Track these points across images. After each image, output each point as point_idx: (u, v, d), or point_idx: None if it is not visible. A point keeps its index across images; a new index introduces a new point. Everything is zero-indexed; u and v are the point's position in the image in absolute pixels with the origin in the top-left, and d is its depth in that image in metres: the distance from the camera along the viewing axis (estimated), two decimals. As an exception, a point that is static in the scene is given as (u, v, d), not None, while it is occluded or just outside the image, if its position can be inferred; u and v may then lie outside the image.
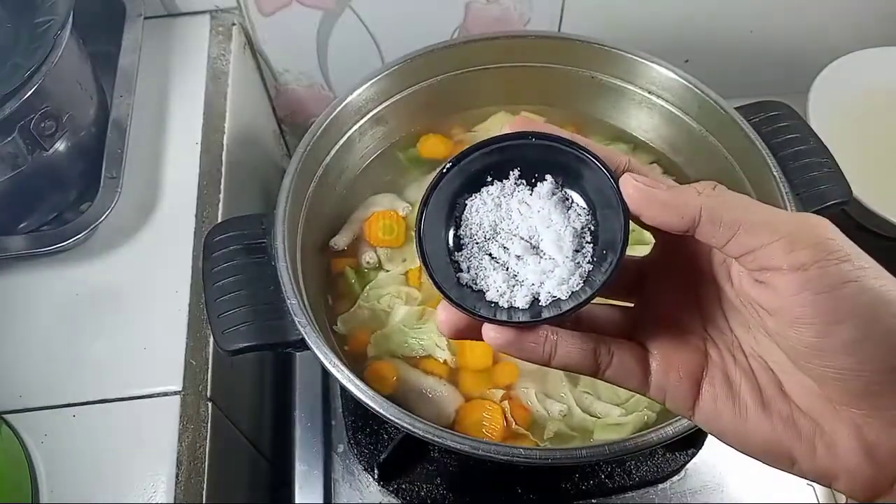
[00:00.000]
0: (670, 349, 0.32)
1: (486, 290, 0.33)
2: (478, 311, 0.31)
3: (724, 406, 0.31)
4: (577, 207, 0.33)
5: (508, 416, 0.57)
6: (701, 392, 0.31)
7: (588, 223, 0.33)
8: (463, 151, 0.34)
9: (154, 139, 0.69)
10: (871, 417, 0.28)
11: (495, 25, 0.82)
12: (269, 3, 0.78)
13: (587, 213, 0.33)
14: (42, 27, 0.58)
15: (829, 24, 0.87)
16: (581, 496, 0.63)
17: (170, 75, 0.73)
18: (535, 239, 0.33)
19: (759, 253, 0.28)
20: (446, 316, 0.31)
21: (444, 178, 0.34)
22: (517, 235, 0.33)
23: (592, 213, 0.33)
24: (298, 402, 0.70)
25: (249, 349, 0.53)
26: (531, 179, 0.34)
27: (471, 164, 0.34)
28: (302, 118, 0.94)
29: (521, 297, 0.32)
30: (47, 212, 0.66)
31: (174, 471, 0.54)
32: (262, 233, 0.57)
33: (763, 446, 0.30)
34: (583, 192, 0.33)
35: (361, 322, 0.62)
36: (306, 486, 0.65)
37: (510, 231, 0.33)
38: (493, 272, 0.33)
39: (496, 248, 0.33)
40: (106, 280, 0.62)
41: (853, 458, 0.28)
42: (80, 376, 0.57)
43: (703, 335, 0.32)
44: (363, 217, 0.67)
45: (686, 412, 0.32)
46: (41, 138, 0.60)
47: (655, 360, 0.32)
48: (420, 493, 0.63)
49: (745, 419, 0.30)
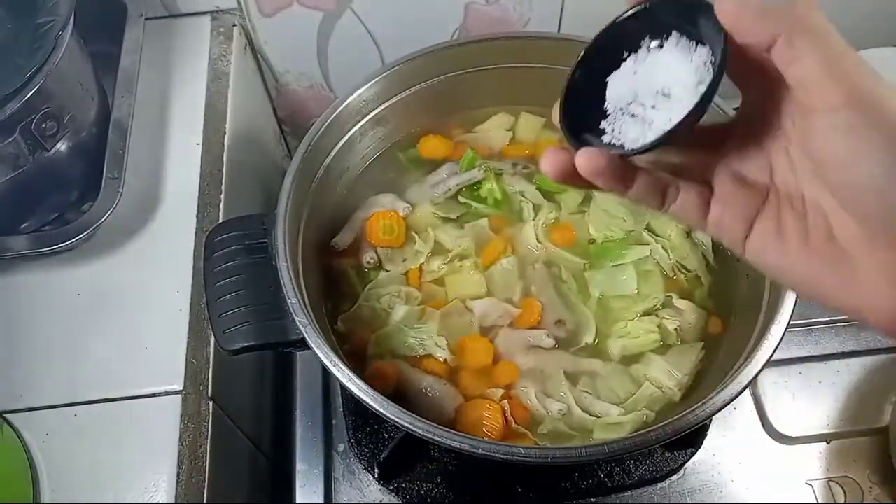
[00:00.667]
0: (733, 193, 0.35)
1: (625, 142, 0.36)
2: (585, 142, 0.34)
3: (770, 242, 0.34)
4: (700, 49, 0.35)
5: (508, 415, 0.57)
6: (752, 230, 0.35)
7: (708, 59, 0.35)
8: (595, 38, 0.38)
9: (155, 139, 0.69)
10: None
11: (495, 26, 0.82)
12: (270, 4, 0.78)
13: (708, 51, 0.35)
14: (43, 28, 0.58)
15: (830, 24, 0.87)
16: (580, 495, 0.63)
17: (171, 76, 0.73)
18: (667, 88, 0.35)
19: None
20: (552, 158, 0.34)
21: (582, 65, 0.38)
22: (651, 91, 0.36)
23: (712, 50, 0.35)
24: (299, 401, 0.70)
25: (250, 349, 0.53)
26: (660, 40, 0.36)
27: (602, 46, 0.38)
28: (302, 119, 0.94)
29: (651, 137, 0.35)
30: (49, 212, 0.66)
31: (175, 470, 0.54)
32: (262, 233, 0.57)
33: (800, 279, 0.34)
34: (700, 34, 0.35)
35: (362, 321, 0.62)
36: (307, 485, 0.65)
37: (647, 91, 0.36)
38: (633, 126, 0.36)
39: (637, 107, 0.36)
40: (107, 280, 0.62)
41: (884, 293, 0.31)
42: (82, 376, 0.58)
43: (769, 184, 0.35)
44: (364, 217, 0.67)
45: (738, 247, 0.35)
46: (42, 139, 0.60)
47: (717, 202, 0.35)
48: (420, 492, 0.63)
49: (788, 254, 0.34)
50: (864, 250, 0.31)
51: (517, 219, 0.67)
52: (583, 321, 0.62)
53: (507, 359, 0.60)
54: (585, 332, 0.61)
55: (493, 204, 0.68)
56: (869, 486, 0.65)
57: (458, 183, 0.68)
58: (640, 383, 0.59)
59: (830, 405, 0.69)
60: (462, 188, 0.69)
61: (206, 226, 0.64)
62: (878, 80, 0.31)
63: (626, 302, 0.62)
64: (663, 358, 0.59)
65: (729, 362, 0.54)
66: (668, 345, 0.60)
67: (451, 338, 0.60)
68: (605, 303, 0.63)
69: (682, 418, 0.48)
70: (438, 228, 0.67)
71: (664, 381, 0.58)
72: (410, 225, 0.67)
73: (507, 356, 0.60)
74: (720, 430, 0.67)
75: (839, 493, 0.65)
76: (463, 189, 0.68)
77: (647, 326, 0.61)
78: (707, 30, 0.35)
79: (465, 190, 0.68)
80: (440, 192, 0.68)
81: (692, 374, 0.58)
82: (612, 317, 0.62)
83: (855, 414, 0.68)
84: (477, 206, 0.68)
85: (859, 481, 0.65)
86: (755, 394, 0.69)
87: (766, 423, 0.68)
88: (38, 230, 0.65)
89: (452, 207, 0.68)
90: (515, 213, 0.68)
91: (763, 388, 0.69)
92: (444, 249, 0.65)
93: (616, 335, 0.61)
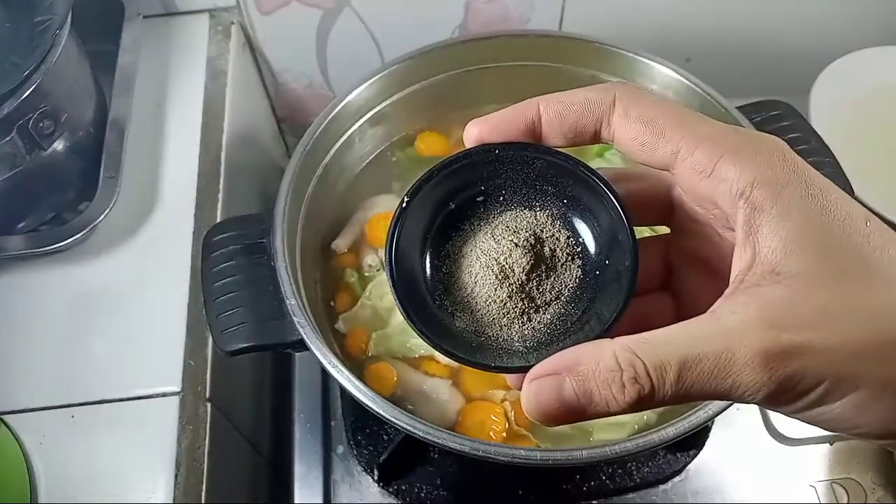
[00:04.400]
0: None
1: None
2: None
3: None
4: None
5: (510, 416, 0.57)
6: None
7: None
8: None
9: (153, 139, 0.69)
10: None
11: (495, 24, 0.82)
12: (269, 2, 0.77)
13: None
14: (41, 26, 0.57)
15: (831, 24, 0.87)
16: (582, 497, 0.63)
17: (169, 75, 0.73)
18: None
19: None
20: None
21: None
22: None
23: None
24: (298, 402, 0.69)
25: (249, 349, 0.53)
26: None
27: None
28: (301, 117, 0.94)
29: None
30: (46, 211, 0.65)
31: (173, 472, 0.54)
32: (261, 233, 0.57)
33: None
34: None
35: (363, 321, 0.61)
36: (306, 487, 0.65)
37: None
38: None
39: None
40: (104, 280, 0.61)
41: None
42: (79, 377, 0.57)
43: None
44: (364, 219, 0.66)
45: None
46: (39, 138, 0.60)
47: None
48: (420, 495, 0.63)
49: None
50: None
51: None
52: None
53: (508, 359, 0.59)
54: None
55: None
56: (872, 488, 0.64)
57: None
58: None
59: (833, 406, 0.68)
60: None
61: (203, 226, 0.64)
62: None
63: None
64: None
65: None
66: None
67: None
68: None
69: (684, 419, 0.47)
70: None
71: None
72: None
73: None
74: (723, 431, 0.66)
75: (842, 495, 0.64)
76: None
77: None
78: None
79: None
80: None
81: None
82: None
83: (858, 415, 0.68)
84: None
85: (862, 483, 0.65)
86: (757, 395, 0.69)
87: (768, 425, 0.67)
88: (35, 230, 0.64)
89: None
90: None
91: (765, 389, 0.69)
92: (445, 250, 0.65)
93: (617, 335, 0.60)
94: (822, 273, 0.25)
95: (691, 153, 0.26)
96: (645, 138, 0.27)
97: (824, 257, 0.25)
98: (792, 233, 0.25)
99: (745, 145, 0.26)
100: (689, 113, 0.28)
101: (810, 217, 0.25)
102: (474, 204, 0.31)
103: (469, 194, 0.31)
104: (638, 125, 0.27)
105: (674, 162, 0.27)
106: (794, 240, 0.25)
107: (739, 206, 0.26)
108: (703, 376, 0.24)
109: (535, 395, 0.25)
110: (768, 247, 0.25)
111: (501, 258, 0.30)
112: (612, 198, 0.29)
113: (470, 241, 0.31)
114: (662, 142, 0.27)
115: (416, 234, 0.31)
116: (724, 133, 0.27)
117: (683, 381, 0.24)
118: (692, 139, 0.27)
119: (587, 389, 0.24)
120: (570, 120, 0.29)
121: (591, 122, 0.28)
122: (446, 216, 0.31)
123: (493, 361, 0.29)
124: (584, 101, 0.28)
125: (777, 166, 0.26)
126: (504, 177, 0.31)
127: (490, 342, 0.30)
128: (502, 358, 0.29)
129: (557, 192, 0.31)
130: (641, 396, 0.24)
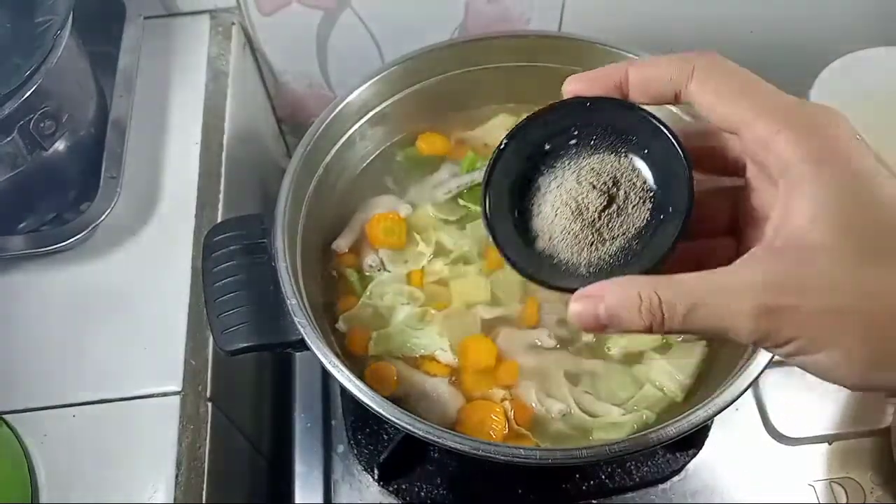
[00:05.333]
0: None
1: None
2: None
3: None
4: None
5: (510, 416, 0.57)
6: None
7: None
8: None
9: (154, 139, 0.69)
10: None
11: (495, 25, 0.82)
12: (269, 2, 0.77)
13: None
14: (41, 27, 0.57)
15: (830, 24, 0.87)
16: (582, 496, 0.63)
17: (169, 75, 0.73)
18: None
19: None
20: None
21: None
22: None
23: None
24: (298, 402, 0.70)
25: (249, 349, 0.53)
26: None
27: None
28: (302, 118, 0.94)
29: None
30: (47, 212, 0.66)
31: (174, 471, 0.54)
32: (261, 232, 0.57)
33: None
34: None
35: (363, 321, 0.62)
36: (306, 486, 0.65)
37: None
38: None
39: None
40: (105, 280, 0.62)
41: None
42: (80, 376, 0.57)
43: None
44: (364, 219, 0.67)
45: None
46: (41, 138, 0.60)
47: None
48: (420, 494, 0.63)
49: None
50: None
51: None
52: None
53: (510, 359, 0.60)
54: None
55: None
56: (871, 488, 0.65)
57: (458, 185, 0.68)
58: (642, 384, 0.58)
59: (832, 406, 0.68)
60: (463, 190, 0.68)
61: (204, 225, 0.64)
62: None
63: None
64: (665, 358, 0.59)
65: (731, 362, 0.53)
66: (669, 344, 0.60)
67: (453, 338, 0.60)
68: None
69: (683, 419, 0.47)
70: (439, 230, 0.66)
71: (666, 383, 0.58)
72: (411, 226, 0.66)
73: (509, 356, 0.60)
74: (722, 430, 0.66)
75: (841, 494, 0.64)
76: (463, 192, 0.68)
77: (649, 325, 0.60)
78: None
79: (466, 192, 0.68)
80: (441, 193, 0.68)
81: (694, 375, 0.58)
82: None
83: (857, 414, 0.68)
84: (477, 208, 0.67)
85: (861, 482, 0.65)
86: (757, 394, 0.69)
87: (767, 424, 0.68)
88: (36, 230, 0.65)
89: (453, 209, 0.67)
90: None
91: (765, 389, 0.69)
92: (446, 250, 0.65)
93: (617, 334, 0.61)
94: (844, 247, 0.28)
95: (754, 125, 0.30)
96: (716, 107, 0.32)
97: (850, 233, 0.28)
98: (823, 207, 0.28)
99: (802, 122, 0.30)
100: (756, 86, 0.31)
101: (845, 195, 0.29)
102: (567, 146, 0.37)
103: (563, 138, 0.37)
104: (711, 96, 0.32)
105: (739, 130, 0.31)
106: (823, 214, 0.28)
107: (784, 177, 0.30)
108: (705, 319, 0.30)
109: (578, 310, 0.32)
110: (798, 216, 0.29)
111: (580, 197, 0.36)
112: (682, 157, 0.33)
113: (558, 178, 0.37)
114: (731, 111, 0.31)
115: (512, 167, 0.37)
116: (787, 108, 0.30)
117: (689, 319, 0.30)
118: (756, 112, 0.30)
119: (615, 313, 0.31)
120: (654, 86, 0.33)
121: (671, 90, 0.33)
122: (541, 154, 0.37)
123: (552, 281, 0.35)
124: (667, 71, 0.33)
125: (827, 144, 0.29)
126: (595, 125, 0.36)
127: (561, 265, 0.36)
128: (565, 279, 0.35)
129: (640, 143, 0.35)
130: (654, 324, 0.30)
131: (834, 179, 0.29)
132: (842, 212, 0.28)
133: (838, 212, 0.28)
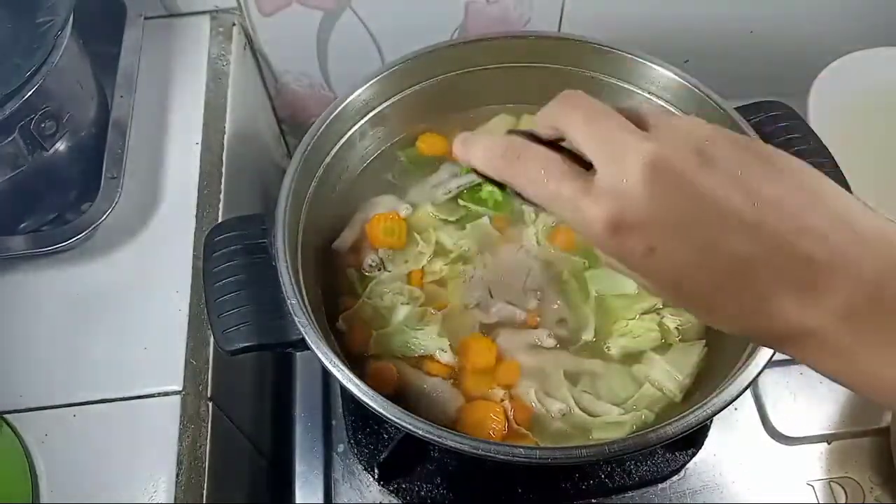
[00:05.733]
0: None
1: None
2: None
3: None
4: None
5: (510, 415, 0.57)
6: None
7: None
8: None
9: (154, 139, 0.69)
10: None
11: (495, 25, 0.82)
12: (270, 3, 0.78)
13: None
14: (42, 27, 0.58)
15: (830, 24, 0.87)
16: (581, 496, 0.63)
17: (170, 76, 0.73)
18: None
19: None
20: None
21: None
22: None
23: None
24: (299, 401, 0.70)
25: (250, 349, 0.53)
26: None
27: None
28: (302, 118, 0.94)
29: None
30: (48, 212, 0.66)
31: (174, 471, 0.54)
32: (262, 233, 0.57)
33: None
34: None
35: (363, 320, 0.62)
36: (306, 485, 0.65)
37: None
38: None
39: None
40: (106, 280, 0.62)
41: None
42: (81, 376, 0.57)
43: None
44: (364, 219, 0.67)
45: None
46: (41, 138, 0.60)
47: None
48: (420, 493, 0.63)
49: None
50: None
51: (518, 221, 0.67)
52: (583, 320, 0.61)
53: (510, 358, 0.60)
54: (585, 330, 0.61)
55: (493, 206, 0.67)
56: (870, 487, 0.65)
57: (458, 185, 0.68)
58: (641, 384, 0.58)
59: (831, 405, 0.68)
60: (462, 191, 0.68)
61: (205, 226, 0.64)
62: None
63: (627, 301, 0.62)
64: (664, 357, 0.59)
65: (730, 362, 0.53)
66: (668, 343, 0.60)
67: (453, 338, 0.60)
68: (605, 301, 0.62)
69: (682, 419, 0.48)
70: (439, 230, 0.66)
71: (665, 383, 0.58)
72: (411, 226, 0.66)
73: (509, 356, 0.60)
74: (721, 430, 0.67)
75: (840, 494, 0.65)
76: (463, 192, 0.68)
77: (648, 325, 0.61)
78: None
79: (466, 193, 0.68)
80: (441, 193, 0.68)
81: (693, 375, 0.58)
82: (612, 316, 0.62)
83: (856, 414, 0.68)
84: (477, 208, 0.68)
85: (860, 482, 0.65)
86: (756, 394, 0.69)
87: (766, 424, 0.68)
88: (37, 230, 0.65)
89: (452, 210, 0.68)
90: (516, 215, 0.67)
91: (764, 389, 0.69)
92: (446, 250, 0.65)
93: (617, 334, 0.61)
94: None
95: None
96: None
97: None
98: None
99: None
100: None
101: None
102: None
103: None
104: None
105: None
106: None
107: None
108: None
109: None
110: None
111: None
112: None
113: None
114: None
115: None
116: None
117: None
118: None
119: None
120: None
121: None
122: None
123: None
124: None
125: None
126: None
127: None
128: None
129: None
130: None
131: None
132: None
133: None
